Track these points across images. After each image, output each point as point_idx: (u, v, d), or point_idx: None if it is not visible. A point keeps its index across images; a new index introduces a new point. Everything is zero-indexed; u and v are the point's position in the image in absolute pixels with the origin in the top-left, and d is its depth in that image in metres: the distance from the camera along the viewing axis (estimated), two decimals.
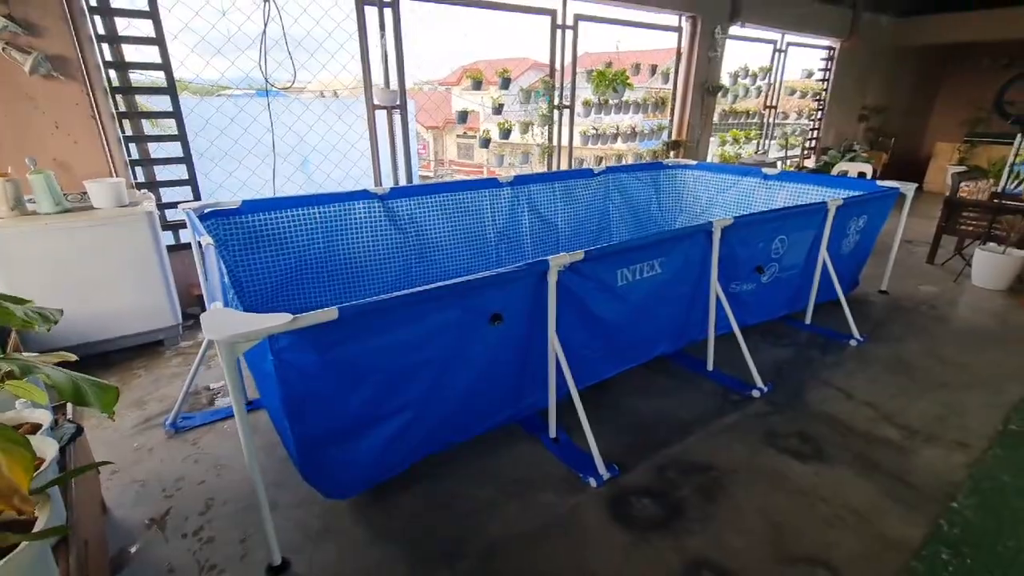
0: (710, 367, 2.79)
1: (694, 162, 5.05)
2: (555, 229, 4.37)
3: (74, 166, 3.05)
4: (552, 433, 2.24)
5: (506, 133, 4.78)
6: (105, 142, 3.10)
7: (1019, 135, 4.11)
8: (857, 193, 3.70)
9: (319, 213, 3.29)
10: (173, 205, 3.48)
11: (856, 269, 3.84)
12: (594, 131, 5.44)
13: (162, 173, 3.49)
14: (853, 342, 3.15)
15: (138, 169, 3.34)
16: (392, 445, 1.85)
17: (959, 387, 2.68)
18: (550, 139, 5.04)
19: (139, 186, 3.32)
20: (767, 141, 7.39)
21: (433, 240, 3.74)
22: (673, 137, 6.10)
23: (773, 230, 2.86)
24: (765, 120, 7.23)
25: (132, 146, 3.29)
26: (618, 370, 2.54)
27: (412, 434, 1.89)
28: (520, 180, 4.14)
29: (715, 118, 6.56)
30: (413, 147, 4.88)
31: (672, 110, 6.03)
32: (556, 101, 4.93)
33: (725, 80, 6.36)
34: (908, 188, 3.60)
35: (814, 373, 2.80)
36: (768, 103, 7.16)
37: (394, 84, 4.04)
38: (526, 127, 4.91)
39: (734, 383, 2.67)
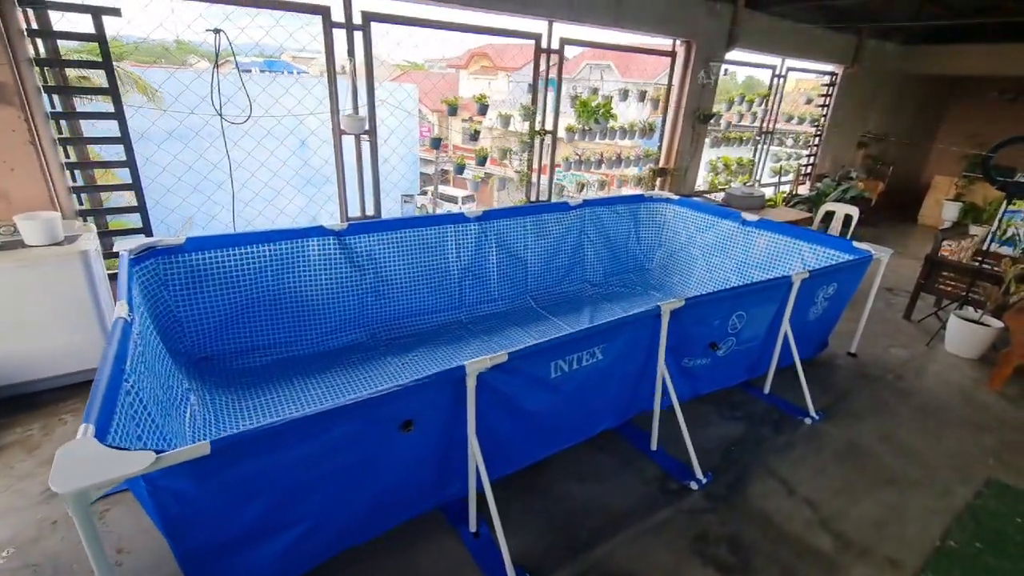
0: (654, 446, 2.70)
1: (676, 196, 4.92)
2: (524, 265, 4.26)
3: (12, 194, 2.92)
4: (472, 527, 2.16)
5: (483, 159, 4.64)
6: (46, 169, 2.97)
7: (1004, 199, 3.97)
8: (827, 261, 3.61)
9: (269, 251, 3.18)
10: (121, 232, 3.37)
11: (825, 332, 3.74)
12: (577, 157, 5.29)
13: (116, 199, 3.37)
14: (808, 420, 3.06)
15: (84, 195, 3.21)
16: (292, 552, 1.77)
17: (907, 484, 2.60)
18: (530, 166, 4.90)
19: (84, 213, 3.20)
20: (760, 166, 7.22)
21: (392, 277, 3.63)
22: (660, 165, 5.94)
23: (729, 308, 2.75)
24: (759, 148, 7.06)
25: (77, 171, 3.16)
26: (553, 451, 2.46)
27: (315, 541, 1.81)
28: (489, 215, 4.02)
29: (707, 143, 6.40)
30: (422, 174, 4.79)
31: (661, 137, 5.86)
32: (537, 127, 4.78)
33: (719, 107, 6.19)
34: (883, 253, 3.48)
35: (761, 458, 2.72)
36: (764, 129, 6.98)
37: (364, 110, 3.88)
38: (504, 153, 4.76)
39: (675, 467, 2.59)
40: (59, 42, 2.95)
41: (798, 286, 2.98)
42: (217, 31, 2.94)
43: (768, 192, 7.19)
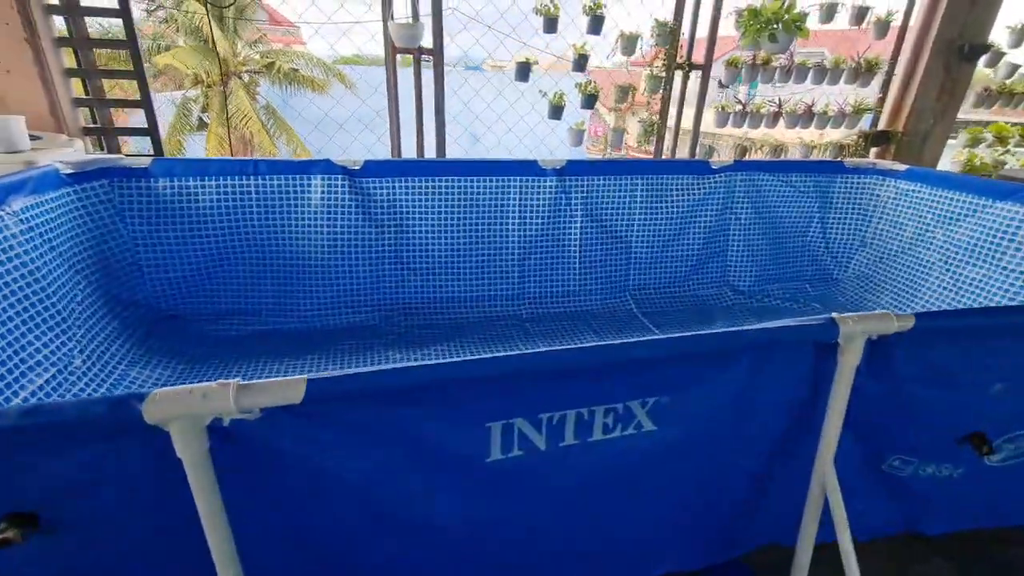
0: None
1: (903, 167, 3.01)
2: (626, 247, 2.87)
3: (9, 99, 2.57)
4: None
5: (590, 100, 3.33)
6: (48, 73, 2.57)
7: None
8: None
9: (256, 185, 2.40)
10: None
11: None
12: (740, 106, 3.64)
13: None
14: None
15: (94, 111, 2.80)
16: None
17: None
18: (663, 114, 3.44)
19: (92, 131, 2.78)
20: None
21: (422, 242, 2.60)
22: (882, 126, 3.92)
23: None
24: None
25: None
26: None
27: None
28: (575, 168, 2.73)
29: (970, 100, 4.15)
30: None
31: (887, 84, 3.85)
32: (678, 57, 3.31)
33: (999, 36, 3.90)
34: None
35: None
36: None
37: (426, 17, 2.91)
38: (624, 93, 3.39)
39: None
40: None
41: None
42: None
43: None
